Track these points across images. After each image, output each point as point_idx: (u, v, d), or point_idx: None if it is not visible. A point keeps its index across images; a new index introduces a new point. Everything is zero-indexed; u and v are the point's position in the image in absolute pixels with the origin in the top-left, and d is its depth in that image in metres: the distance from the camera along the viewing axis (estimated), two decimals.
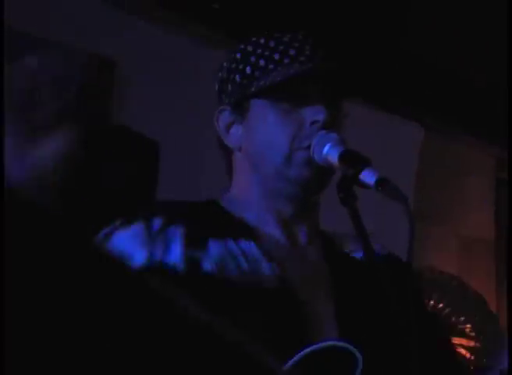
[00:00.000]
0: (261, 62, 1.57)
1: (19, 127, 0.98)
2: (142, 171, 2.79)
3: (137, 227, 1.49)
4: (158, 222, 1.50)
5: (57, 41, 3.13)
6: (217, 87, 1.66)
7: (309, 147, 1.52)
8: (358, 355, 1.38)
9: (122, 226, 1.50)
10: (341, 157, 1.45)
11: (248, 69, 1.58)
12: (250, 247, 1.53)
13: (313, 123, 1.53)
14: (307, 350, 1.37)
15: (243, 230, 1.56)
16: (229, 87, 1.61)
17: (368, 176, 1.38)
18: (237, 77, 1.59)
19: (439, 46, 3.97)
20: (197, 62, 3.52)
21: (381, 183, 1.37)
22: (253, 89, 1.56)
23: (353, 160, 1.43)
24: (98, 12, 3.24)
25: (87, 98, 3.26)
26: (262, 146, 1.57)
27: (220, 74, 1.65)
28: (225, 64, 1.64)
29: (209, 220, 1.56)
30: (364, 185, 1.39)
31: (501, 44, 3.64)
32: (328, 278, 1.57)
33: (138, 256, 1.45)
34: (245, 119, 1.60)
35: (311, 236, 1.61)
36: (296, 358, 1.35)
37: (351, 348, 1.39)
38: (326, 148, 1.49)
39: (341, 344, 1.40)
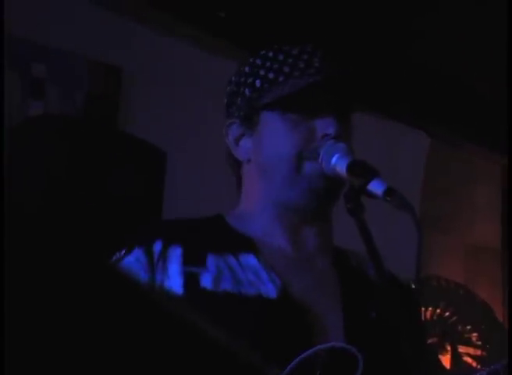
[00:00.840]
0: (271, 75, 1.57)
1: None
2: (148, 180, 2.79)
3: (138, 253, 1.52)
4: (158, 244, 1.52)
5: (63, 49, 3.14)
6: (226, 100, 1.66)
7: (318, 157, 1.52)
8: (358, 355, 1.39)
9: (126, 254, 1.53)
10: (349, 167, 1.45)
11: (258, 83, 1.58)
12: (249, 259, 1.53)
13: (324, 136, 1.53)
14: (308, 352, 1.38)
15: (243, 243, 1.56)
16: (239, 100, 1.61)
17: (375, 187, 1.38)
18: (247, 91, 1.60)
19: (444, 55, 3.96)
20: (205, 70, 3.52)
21: (389, 193, 1.37)
22: (262, 102, 1.57)
23: (361, 170, 1.43)
24: (103, 18, 3.25)
25: (94, 105, 3.24)
26: (271, 157, 1.57)
27: (229, 88, 1.65)
28: (233, 78, 1.64)
29: (210, 236, 1.57)
30: (371, 195, 1.39)
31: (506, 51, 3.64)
32: (336, 287, 1.57)
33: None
34: (255, 132, 1.60)
35: (320, 245, 1.61)
36: (297, 359, 1.37)
37: (351, 348, 1.40)
38: (334, 159, 1.48)
39: (341, 345, 1.42)
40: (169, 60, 3.46)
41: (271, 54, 1.60)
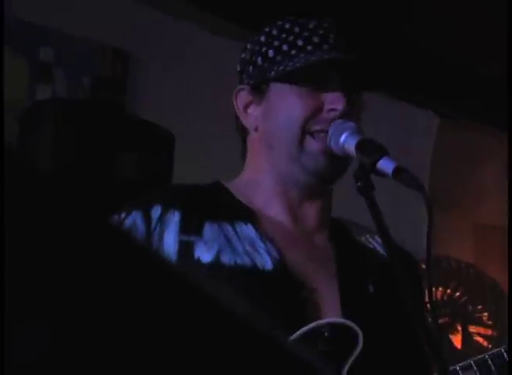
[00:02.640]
0: (285, 47, 1.57)
1: None
2: (156, 162, 2.80)
3: (136, 216, 1.51)
4: (157, 209, 1.51)
5: (70, 33, 3.14)
6: (239, 67, 1.66)
7: (322, 131, 1.52)
8: (359, 332, 1.41)
9: (124, 218, 1.51)
10: (358, 146, 1.44)
11: (271, 53, 1.59)
12: (247, 229, 1.53)
13: (331, 110, 1.53)
14: (306, 327, 1.40)
15: (243, 212, 1.56)
16: (250, 68, 1.62)
17: (385, 166, 1.38)
18: (259, 60, 1.60)
19: (450, 36, 3.96)
20: (211, 53, 3.52)
21: (398, 172, 1.36)
22: (273, 73, 1.57)
23: (370, 149, 1.42)
24: (110, 2, 3.24)
25: (101, 88, 3.25)
26: (278, 126, 1.57)
27: (243, 55, 1.65)
28: (249, 46, 1.65)
29: (209, 204, 1.56)
30: (381, 174, 1.39)
31: None
32: (332, 262, 1.57)
33: None
34: (263, 101, 1.60)
35: (319, 221, 1.61)
36: (295, 335, 1.38)
37: (351, 323, 1.42)
38: (343, 137, 1.48)
39: (340, 320, 1.44)
40: (176, 43, 3.46)
41: (287, 25, 1.60)
